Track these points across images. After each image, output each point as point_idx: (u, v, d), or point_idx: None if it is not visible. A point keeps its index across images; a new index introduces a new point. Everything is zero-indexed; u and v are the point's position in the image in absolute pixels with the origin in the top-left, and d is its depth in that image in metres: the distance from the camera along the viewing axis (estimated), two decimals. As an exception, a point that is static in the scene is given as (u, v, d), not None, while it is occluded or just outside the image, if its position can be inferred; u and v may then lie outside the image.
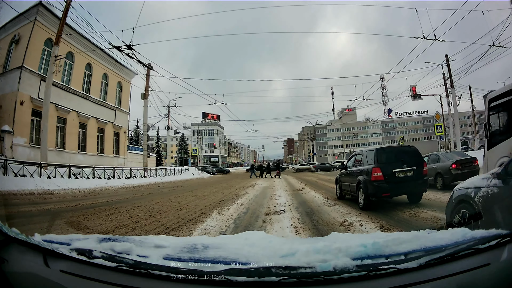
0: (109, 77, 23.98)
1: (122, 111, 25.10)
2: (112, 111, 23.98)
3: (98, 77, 23.11)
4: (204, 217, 6.31)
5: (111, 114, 23.87)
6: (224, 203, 8.43)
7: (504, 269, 1.13)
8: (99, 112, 22.70)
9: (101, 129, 22.91)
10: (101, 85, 23.51)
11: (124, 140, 25.17)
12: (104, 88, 23.70)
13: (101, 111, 22.90)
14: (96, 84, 22.82)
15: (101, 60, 22.97)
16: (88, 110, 21.70)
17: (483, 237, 1.29)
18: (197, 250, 1.44)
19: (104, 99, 23.54)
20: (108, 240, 1.46)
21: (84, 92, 21.70)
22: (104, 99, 23.47)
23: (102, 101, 23.19)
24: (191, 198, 10.14)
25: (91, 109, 21.97)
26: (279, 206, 7.67)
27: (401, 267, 1.15)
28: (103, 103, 23.17)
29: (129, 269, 1.17)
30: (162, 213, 6.81)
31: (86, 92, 22.00)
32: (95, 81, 22.62)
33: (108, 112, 23.59)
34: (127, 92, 25.73)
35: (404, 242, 1.33)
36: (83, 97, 21.48)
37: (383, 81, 79.13)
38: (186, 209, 7.44)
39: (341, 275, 1.12)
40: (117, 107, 24.55)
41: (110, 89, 24.11)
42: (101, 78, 23.48)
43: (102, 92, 23.55)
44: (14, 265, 1.19)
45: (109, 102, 23.80)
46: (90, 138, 21.85)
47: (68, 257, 1.23)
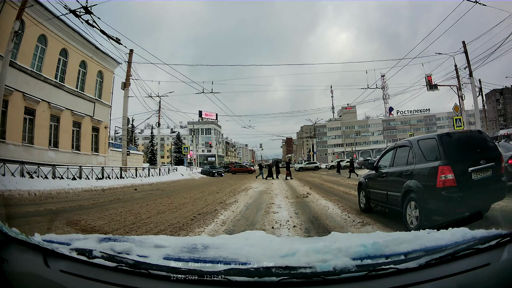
0: (88, 65, 21.27)
1: (102, 103, 22.32)
2: (90, 104, 21.25)
3: (75, 64, 20.45)
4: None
5: (90, 106, 21.13)
6: (198, 221, 5.75)
7: (504, 269, 1.11)
8: (75, 104, 20.02)
9: (77, 123, 20.21)
10: (79, 73, 20.80)
11: (105, 136, 22.39)
12: (81, 78, 20.99)
13: (78, 102, 20.21)
14: (73, 72, 20.16)
15: (79, 45, 20.37)
16: (62, 101, 19.03)
17: (483, 237, 1.27)
18: (197, 250, 1.42)
19: (82, 89, 20.84)
20: (108, 240, 1.44)
21: (57, 80, 18.99)
22: (81, 90, 20.77)
23: (79, 92, 20.48)
24: (160, 208, 7.53)
25: (66, 100, 19.30)
26: (280, 226, 5.08)
27: (401, 267, 1.13)
28: (80, 94, 20.46)
29: (129, 269, 1.16)
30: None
31: (60, 81, 19.33)
32: (71, 68, 19.95)
33: (86, 104, 20.87)
34: (109, 83, 22.95)
35: (404, 242, 1.31)
36: (56, 86, 18.81)
37: (383, 79, 77.51)
38: (138, 231, 4.77)
39: (341, 275, 1.11)
40: (96, 99, 21.79)
41: (89, 79, 21.39)
42: (79, 66, 20.76)
43: (80, 81, 20.82)
44: (14, 265, 1.18)
45: (87, 93, 21.05)
46: (63, 133, 19.18)
47: (68, 257, 1.22)
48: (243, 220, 5.84)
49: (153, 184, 16.69)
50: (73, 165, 14.96)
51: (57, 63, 19.15)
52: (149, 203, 8.56)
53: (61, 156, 18.52)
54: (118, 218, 5.99)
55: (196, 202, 8.67)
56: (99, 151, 21.62)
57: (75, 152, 19.93)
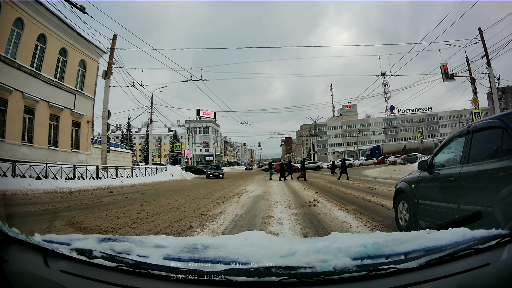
0: (68, 53, 19.22)
1: (84, 96, 20.22)
2: (70, 95, 19.20)
3: (54, 52, 18.45)
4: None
5: (70, 98, 19.10)
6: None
7: (504, 269, 1.11)
8: (53, 95, 18.03)
9: (54, 116, 18.16)
10: (58, 62, 18.75)
11: (87, 131, 20.30)
12: (61, 66, 18.92)
13: (56, 94, 18.20)
14: (51, 60, 18.19)
15: (58, 31, 18.42)
16: (37, 92, 17.07)
17: (483, 237, 1.26)
18: (197, 250, 1.40)
19: (61, 79, 18.80)
20: (108, 240, 1.42)
21: (33, 68, 16.95)
22: (60, 80, 18.74)
23: (58, 82, 18.44)
24: (119, 221, 5.59)
25: (42, 90, 17.34)
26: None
27: (401, 267, 1.13)
28: (58, 84, 18.41)
29: (129, 269, 1.15)
30: None
31: (36, 69, 17.28)
32: (49, 56, 17.97)
33: (66, 96, 18.84)
34: (93, 74, 20.84)
35: (404, 242, 1.31)
36: (32, 74, 16.83)
37: (384, 77, 75.61)
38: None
39: (341, 275, 1.11)
40: (78, 90, 19.71)
41: (70, 68, 19.34)
42: (58, 54, 18.68)
43: (59, 71, 18.75)
44: (14, 265, 1.18)
45: (67, 84, 18.94)
46: (39, 126, 17.20)
47: (68, 257, 1.21)
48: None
49: (135, 186, 14.64)
50: (37, 162, 12.86)
51: (34, 49, 17.16)
52: (111, 212, 6.56)
53: (36, 153, 16.64)
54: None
55: (171, 212, 6.67)
56: (80, 148, 19.56)
57: (52, 149, 17.95)
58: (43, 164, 12.89)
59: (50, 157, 17.33)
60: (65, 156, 18.33)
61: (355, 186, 12.14)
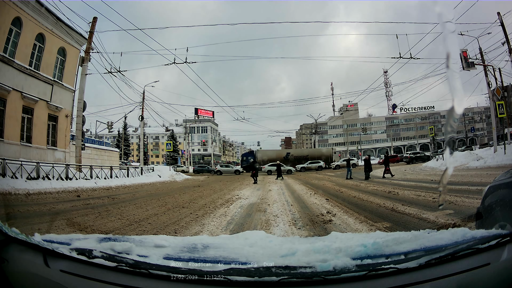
0: (46, 40, 17.37)
1: (63, 87, 18.30)
2: (47, 86, 17.31)
3: (30, 37, 16.67)
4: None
5: (46, 89, 17.22)
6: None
7: (504, 269, 1.07)
8: (27, 85, 16.28)
9: (28, 108, 16.25)
10: (34, 48, 16.80)
11: (66, 127, 18.38)
12: (37, 54, 16.94)
13: (30, 83, 16.41)
14: (26, 46, 16.40)
15: (36, 15, 16.42)
16: (8, 80, 15.25)
17: (483, 237, 1.22)
18: (197, 250, 1.40)
19: (37, 68, 16.88)
20: (108, 240, 1.41)
21: (5, 54, 15.07)
22: (36, 68, 16.84)
23: (32, 70, 16.54)
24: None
25: (14, 79, 15.60)
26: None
27: (401, 267, 1.10)
28: (33, 73, 16.43)
29: (129, 269, 1.14)
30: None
31: (10, 55, 15.39)
32: (24, 42, 16.21)
33: (41, 86, 17.00)
34: (74, 63, 18.90)
35: (404, 241, 1.28)
36: (3, 61, 15.18)
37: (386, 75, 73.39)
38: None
39: (341, 275, 1.10)
40: (55, 80, 17.76)
41: (47, 56, 17.47)
42: (34, 40, 16.68)
43: (35, 58, 16.78)
44: (14, 265, 1.16)
45: (43, 73, 16.97)
46: (9, 119, 15.48)
47: (68, 257, 1.19)
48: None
49: (111, 189, 12.68)
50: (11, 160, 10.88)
51: (8, 34, 15.28)
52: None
53: (6, 149, 14.93)
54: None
55: (126, 229, 4.52)
56: (58, 145, 17.66)
57: (25, 145, 16.13)
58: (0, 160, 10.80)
59: (23, 154, 15.46)
60: (40, 154, 16.51)
61: (370, 190, 10.15)
